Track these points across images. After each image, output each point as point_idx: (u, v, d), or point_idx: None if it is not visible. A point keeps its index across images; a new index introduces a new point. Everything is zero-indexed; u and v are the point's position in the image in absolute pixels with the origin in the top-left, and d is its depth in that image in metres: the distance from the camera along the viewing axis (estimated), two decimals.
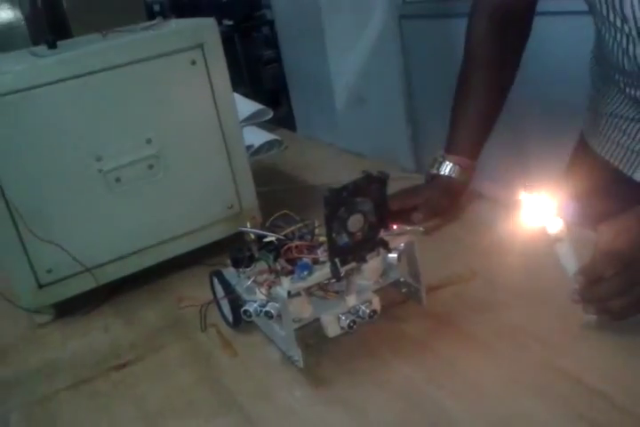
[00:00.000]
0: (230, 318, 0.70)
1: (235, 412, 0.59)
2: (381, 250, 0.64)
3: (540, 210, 0.59)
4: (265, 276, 0.65)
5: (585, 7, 0.85)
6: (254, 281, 0.65)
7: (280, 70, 2.94)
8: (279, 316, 0.62)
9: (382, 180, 0.57)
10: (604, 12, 0.80)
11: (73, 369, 0.70)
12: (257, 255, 0.66)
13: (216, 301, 0.71)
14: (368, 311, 0.63)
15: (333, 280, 0.63)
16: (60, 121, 0.73)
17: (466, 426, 0.53)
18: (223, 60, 0.79)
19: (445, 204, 0.86)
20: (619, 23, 0.79)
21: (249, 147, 1.28)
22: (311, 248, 0.64)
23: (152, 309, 0.79)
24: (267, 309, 0.63)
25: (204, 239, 0.86)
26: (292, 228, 0.66)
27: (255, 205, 0.89)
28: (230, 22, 3.71)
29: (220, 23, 3.83)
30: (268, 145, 1.30)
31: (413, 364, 0.61)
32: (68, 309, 0.81)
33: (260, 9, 3.78)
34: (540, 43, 1.89)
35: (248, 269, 0.67)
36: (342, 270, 0.60)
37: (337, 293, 0.65)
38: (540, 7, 1.66)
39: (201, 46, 0.77)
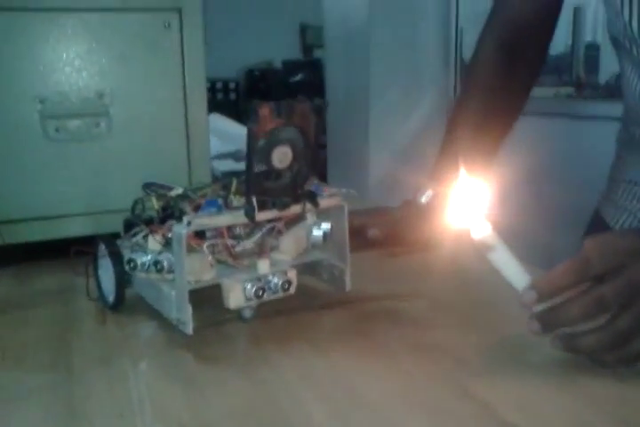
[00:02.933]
0: (111, 296, 0.58)
1: (63, 372, 0.47)
2: (306, 222, 0.54)
3: (464, 210, 0.46)
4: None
5: None
6: (148, 232, 0.55)
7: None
8: (170, 272, 0.52)
9: (320, 108, 0.48)
10: (627, 45, 0.73)
11: None
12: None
13: (96, 275, 0.60)
14: (281, 282, 0.53)
15: (247, 245, 0.53)
16: (14, 50, 0.69)
17: None
18: (201, 30, 0.75)
19: (408, 226, 0.76)
20: (635, 52, 0.71)
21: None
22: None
23: (53, 277, 0.70)
24: (158, 258, 0.53)
25: None
26: (207, 188, 0.58)
27: None
28: None
29: None
30: None
31: (296, 361, 0.49)
32: None
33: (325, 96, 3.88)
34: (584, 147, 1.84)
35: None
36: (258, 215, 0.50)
37: (248, 264, 0.55)
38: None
39: (179, 10, 0.73)
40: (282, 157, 0.48)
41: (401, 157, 2.40)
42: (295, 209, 0.51)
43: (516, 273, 0.46)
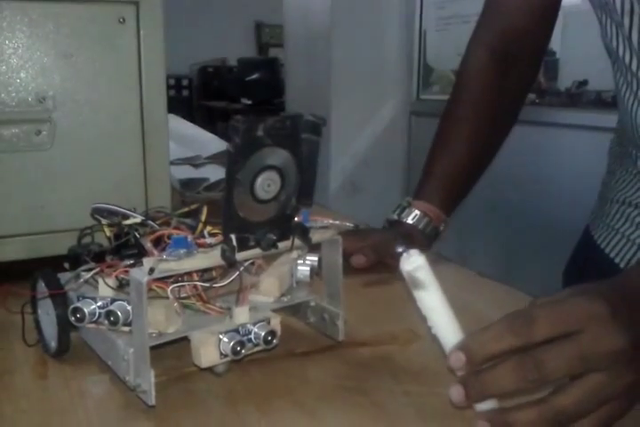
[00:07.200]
0: (54, 341, 0.48)
1: None
2: (289, 256, 0.45)
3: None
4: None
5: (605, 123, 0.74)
6: (98, 273, 0.45)
7: None
8: (127, 325, 0.43)
9: (317, 126, 0.39)
10: (626, 59, 0.67)
11: None
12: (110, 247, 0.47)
13: (35, 315, 0.50)
14: (263, 333, 0.44)
15: (222, 283, 0.44)
16: None
17: None
18: (161, 27, 0.65)
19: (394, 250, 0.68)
20: (634, 66, 0.65)
21: (204, 179, 1.13)
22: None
23: None
24: (111, 308, 0.43)
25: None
26: (168, 216, 0.48)
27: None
28: (249, 102, 3.71)
29: (238, 101, 3.84)
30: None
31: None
32: None
33: (281, 95, 3.79)
34: (552, 155, 1.80)
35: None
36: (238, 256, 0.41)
37: (222, 310, 0.46)
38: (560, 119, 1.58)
39: (136, 3, 0.63)
40: (268, 185, 0.39)
41: (363, 162, 2.34)
42: (282, 247, 0.42)
43: (445, 324, 0.38)
